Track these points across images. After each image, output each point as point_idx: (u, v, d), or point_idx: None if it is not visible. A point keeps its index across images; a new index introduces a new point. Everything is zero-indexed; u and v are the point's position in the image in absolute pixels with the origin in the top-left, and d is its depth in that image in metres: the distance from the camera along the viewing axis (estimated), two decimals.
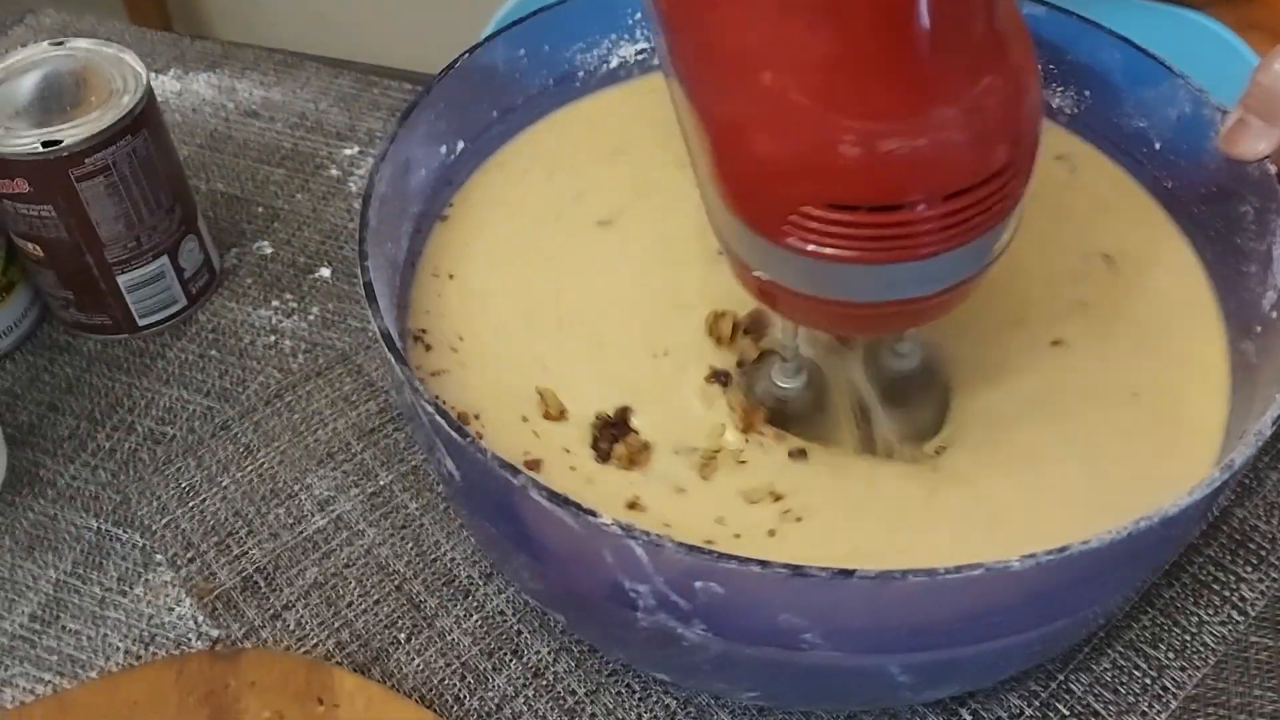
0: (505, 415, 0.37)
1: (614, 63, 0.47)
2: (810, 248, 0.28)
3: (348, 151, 0.58)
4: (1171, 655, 0.39)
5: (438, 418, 0.31)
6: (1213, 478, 0.29)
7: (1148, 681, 0.38)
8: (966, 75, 0.27)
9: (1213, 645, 0.39)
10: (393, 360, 0.32)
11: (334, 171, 0.57)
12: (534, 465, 0.35)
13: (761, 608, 0.29)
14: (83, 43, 0.47)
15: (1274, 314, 0.35)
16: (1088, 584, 0.30)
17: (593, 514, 0.29)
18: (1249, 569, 0.41)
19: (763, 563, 0.27)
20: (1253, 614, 0.40)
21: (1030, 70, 0.29)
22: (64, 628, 0.41)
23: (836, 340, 0.37)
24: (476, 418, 0.37)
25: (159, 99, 0.61)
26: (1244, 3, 0.51)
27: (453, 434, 0.31)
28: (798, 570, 0.27)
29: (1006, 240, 0.30)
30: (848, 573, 0.27)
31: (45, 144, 0.43)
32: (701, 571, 0.28)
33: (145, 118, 0.46)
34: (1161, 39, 0.44)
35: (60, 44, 0.47)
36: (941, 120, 0.27)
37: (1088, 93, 0.43)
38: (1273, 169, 0.36)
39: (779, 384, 0.36)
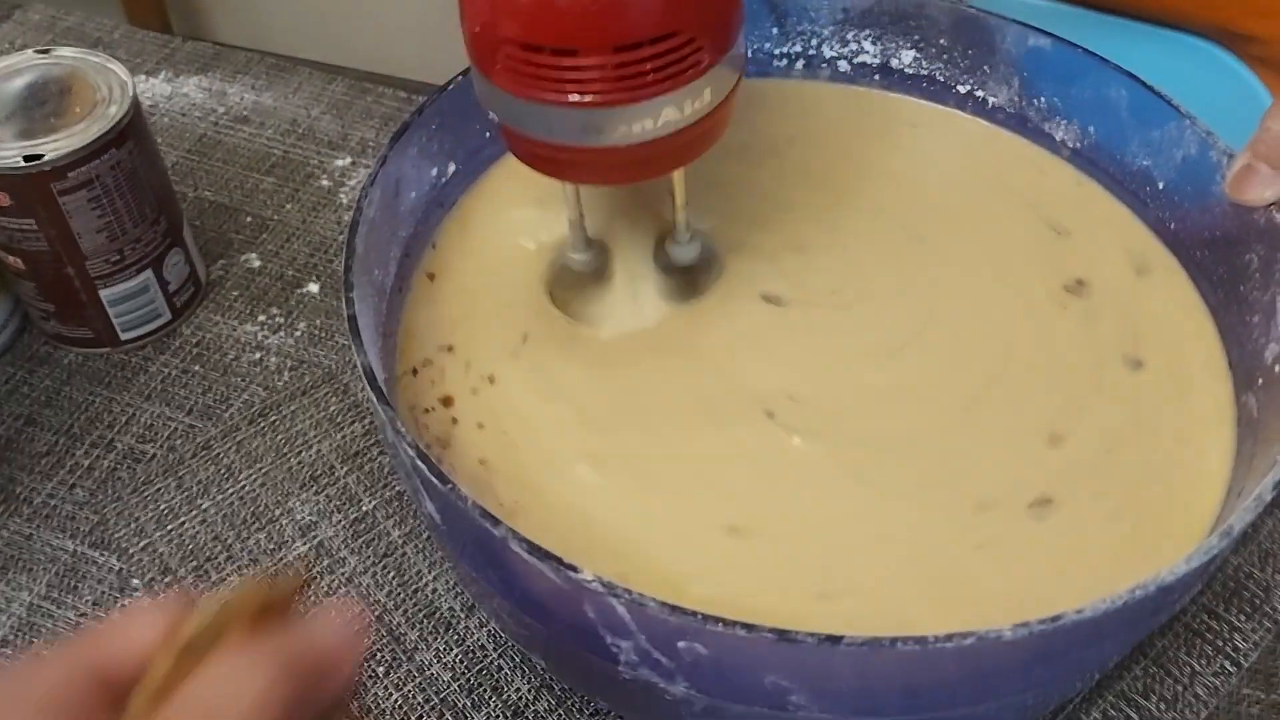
0: None
1: None
2: (511, 85, 0.32)
3: (339, 162, 0.57)
4: (1163, 706, 0.38)
5: (419, 462, 0.30)
6: (1210, 544, 0.29)
7: None
8: None
9: (1204, 697, 0.39)
10: (375, 400, 0.32)
11: (325, 182, 0.56)
12: None
13: (747, 669, 0.28)
14: (68, 51, 0.46)
15: (1276, 368, 0.35)
16: (1081, 650, 0.29)
17: (574, 569, 0.28)
18: (1243, 618, 0.40)
19: (749, 626, 0.27)
20: (1245, 665, 0.39)
21: None
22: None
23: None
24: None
25: (148, 102, 0.61)
26: (1247, 40, 0.50)
27: (434, 480, 0.30)
28: (783, 635, 0.26)
29: (694, 112, 0.33)
30: (835, 639, 0.26)
31: (27, 158, 0.42)
32: (685, 632, 0.27)
33: (131, 129, 0.45)
34: (1171, 67, 0.43)
35: (45, 52, 0.46)
36: None
37: (1092, 128, 0.43)
38: (1279, 217, 0.36)
39: (571, 255, 0.40)
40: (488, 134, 0.44)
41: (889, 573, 0.33)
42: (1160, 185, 0.41)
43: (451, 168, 0.43)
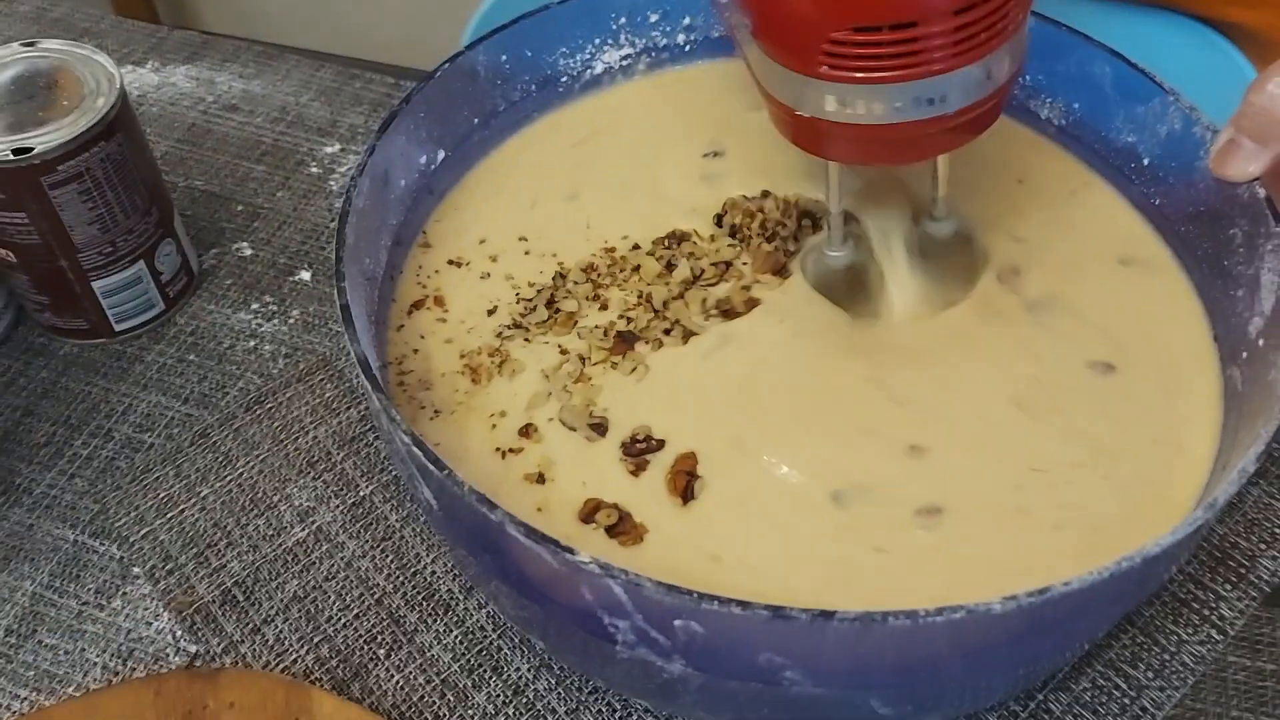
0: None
1: (598, 68, 0.46)
2: (842, 73, 0.32)
3: (329, 149, 0.57)
4: (1150, 675, 0.39)
5: (415, 449, 0.31)
6: (1194, 517, 0.29)
7: (1126, 701, 0.38)
8: None
9: (1191, 665, 0.39)
10: (370, 388, 0.32)
11: (315, 169, 0.57)
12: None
13: (742, 646, 0.29)
14: (54, 43, 0.46)
15: (1260, 341, 0.35)
16: (1069, 622, 0.30)
17: (570, 552, 0.28)
18: (1228, 587, 0.41)
19: (743, 604, 0.27)
20: (1231, 633, 0.40)
21: None
22: (40, 642, 0.41)
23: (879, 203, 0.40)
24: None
25: (137, 91, 0.60)
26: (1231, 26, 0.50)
27: (430, 466, 0.30)
28: (778, 612, 0.27)
29: (1009, 70, 0.33)
30: (828, 614, 0.27)
31: (16, 151, 0.42)
32: (681, 611, 0.28)
33: (119, 121, 0.45)
34: (1154, 42, 0.43)
35: (31, 44, 0.46)
36: None
37: (1076, 105, 0.43)
38: (1263, 192, 0.36)
39: (828, 254, 0.40)
40: (475, 120, 0.44)
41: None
42: (1145, 161, 0.41)
43: (440, 154, 0.43)
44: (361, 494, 0.44)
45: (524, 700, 0.39)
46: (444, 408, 0.38)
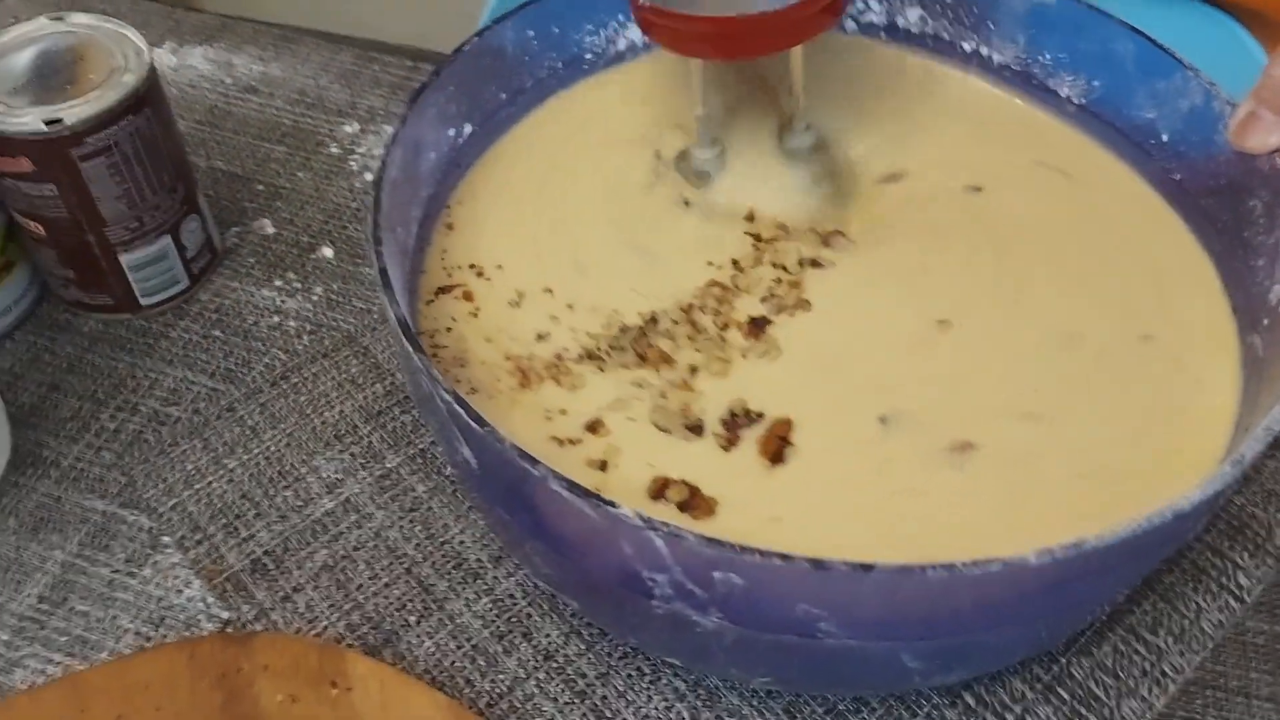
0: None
1: (621, 45, 0.47)
2: None
3: (348, 129, 0.58)
4: (1171, 640, 0.40)
5: (456, 406, 0.31)
6: (1223, 472, 0.30)
7: (1147, 666, 0.39)
8: None
9: (1210, 631, 0.40)
10: (410, 349, 0.32)
11: (334, 149, 0.57)
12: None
13: (780, 598, 0.29)
14: (82, 18, 0.47)
15: None
16: (1100, 575, 0.30)
17: (613, 505, 0.29)
18: (1246, 556, 0.42)
19: (784, 556, 0.28)
20: (1249, 600, 0.41)
21: None
22: (72, 609, 0.41)
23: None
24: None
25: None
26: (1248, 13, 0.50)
27: (471, 424, 0.31)
28: (818, 564, 0.28)
29: None
30: (868, 567, 0.27)
31: (48, 122, 0.43)
32: (721, 563, 0.28)
33: (148, 96, 0.45)
34: (1169, 28, 0.44)
35: (59, 19, 0.47)
36: None
37: (1097, 82, 0.44)
38: None
39: (696, 152, 0.42)
40: (503, 95, 0.44)
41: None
42: (1165, 137, 0.42)
43: (468, 129, 0.43)
44: (389, 466, 0.45)
45: (554, 665, 0.39)
46: (481, 389, 0.38)
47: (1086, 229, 0.41)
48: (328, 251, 0.52)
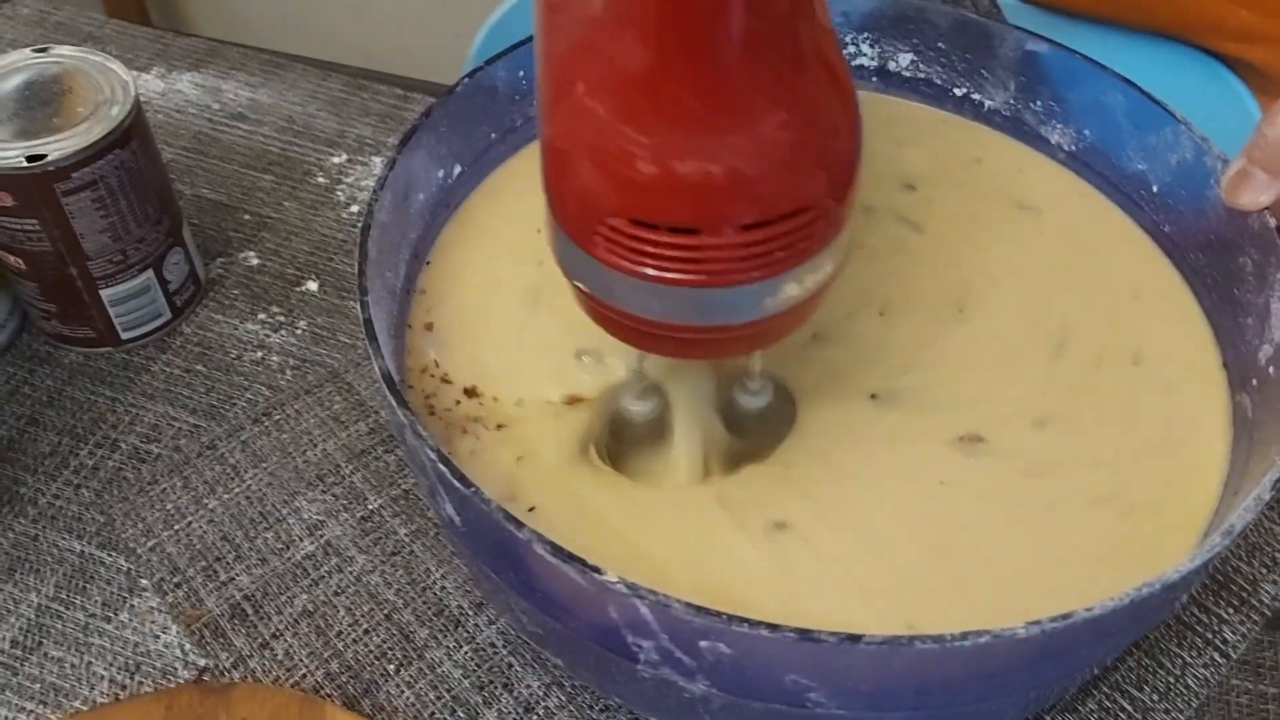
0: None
1: None
2: (617, 260, 0.28)
3: (336, 159, 0.57)
4: (1156, 698, 0.39)
5: (440, 465, 0.31)
6: (1213, 542, 0.30)
7: None
8: (766, 107, 0.27)
9: (1195, 688, 0.40)
10: (394, 404, 0.32)
11: (322, 179, 0.57)
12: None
13: (768, 668, 0.29)
14: (66, 50, 0.46)
15: (1270, 369, 0.36)
16: (1088, 645, 0.30)
17: (598, 571, 0.28)
18: (1231, 610, 0.42)
19: (772, 626, 0.27)
20: (1234, 656, 0.40)
21: (843, 113, 0.29)
22: (47, 655, 0.40)
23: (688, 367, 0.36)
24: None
25: (141, 99, 0.60)
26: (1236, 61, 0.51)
27: (455, 483, 0.30)
28: (806, 634, 0.27)
29: (818, 282, 0.30)
30: (855, 638, 0.27)
31: (30, 158, 0.42)
32: (708, 632, 0.28)
33: (134, 130, 0.44)
34: (1160, 74, 0.44)
35: (43, 50, 0.46)
36: (736, 147, 0.27)
37: (1087, 132, 0.44)
38: (1273, 222, 0.36)
39: (629, 406, 0.36)
40: (493, 135, 0.44)
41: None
42: (1155, 189, 0.42)
43: (457, 169, 0.43)
44: (371, 507, 0.44)
45: (535, 717, 0.39)
46: (471, 429, 0.37)
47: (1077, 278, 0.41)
48: (313, 285, 0.52)
